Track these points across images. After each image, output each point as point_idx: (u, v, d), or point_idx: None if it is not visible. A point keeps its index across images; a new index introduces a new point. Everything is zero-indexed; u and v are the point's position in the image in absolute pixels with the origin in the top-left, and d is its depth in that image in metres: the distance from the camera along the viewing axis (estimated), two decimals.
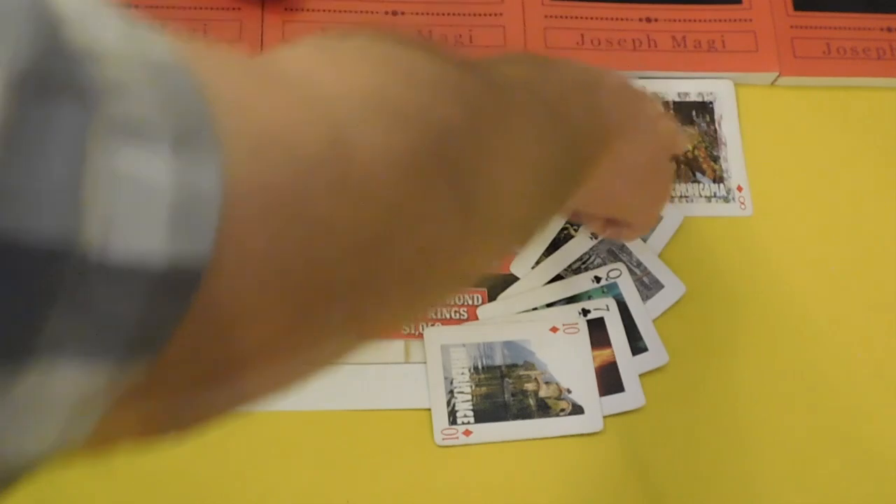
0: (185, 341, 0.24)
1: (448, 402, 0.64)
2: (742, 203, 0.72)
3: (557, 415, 0.64)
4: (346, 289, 0.29)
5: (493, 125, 0.38)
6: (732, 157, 0.73)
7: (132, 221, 0.22)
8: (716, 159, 0.73)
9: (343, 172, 0.28)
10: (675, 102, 0.74)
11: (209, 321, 0.25)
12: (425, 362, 0.65)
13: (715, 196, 0.72)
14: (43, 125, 0.20)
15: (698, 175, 0.72)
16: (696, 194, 0.72)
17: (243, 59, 0.29)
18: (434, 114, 0.33)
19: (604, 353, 0.66)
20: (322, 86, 0.30)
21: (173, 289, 0.23)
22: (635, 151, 0.55)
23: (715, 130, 0.74)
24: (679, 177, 0.72)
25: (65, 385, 0.22)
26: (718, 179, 0.72)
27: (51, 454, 0.24)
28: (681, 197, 0.71)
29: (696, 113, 0.74)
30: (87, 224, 0.21)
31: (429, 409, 0.64)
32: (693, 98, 0.74)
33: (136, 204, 0.22)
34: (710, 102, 0.74)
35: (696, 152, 0.73)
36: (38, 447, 0.23)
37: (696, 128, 0.74)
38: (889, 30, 0.78)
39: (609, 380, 0.65)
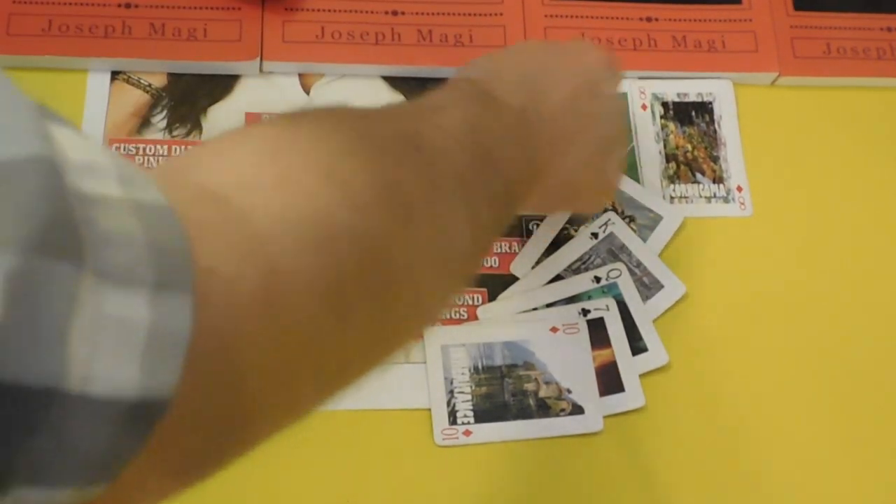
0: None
1: (448, 402, 0.64)
2: (742, 203, 0.72)
3: (557, 415, 0.64)
4: (263, 409, 0.34)
5: (425, 219, 0.41)
6: (732, 157, 0.73)
7: (112, 358, 0.25)
8: (715, 160, 0.73)
9: (270, 308, 0.31)
10: (674, 103, 0.74)
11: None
12: (425, 362, 0.65)
13: (715, 196, 0.72)
14: (42, 282, 0.24)
15: (698, 175, 0.72)
16: (696, 195, 0.72)
17: (201, 185, 0.32)
18: (370, 235, 0.36)
19: (604, 353, 0.66)
20: (264, 216, 0.33)
21: (139, 418, 0.26)
22: (570, 166, 0.58)
23: (714, 131, 0.74)
24: (679, 178, 0.72)
25: None
26: (718, 180, 0.72)
27: None
28: (681, 197, 0.71)
29: (696, 113, 0.74)
30: (73, 364, 0.24)
31: (429, 409, 0.64)
32: (692, 98, 0.74)
33: (116, 342, 0.25)
34: (710, 103, 0.74)
35: (696, 153, 0.73)
36: None
37: (695, 128, 0.74)
38: (889, 30, 0.78)
39: (609, 380, 0.65)
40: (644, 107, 0.74)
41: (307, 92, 0.72)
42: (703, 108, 0.74)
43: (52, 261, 0.24)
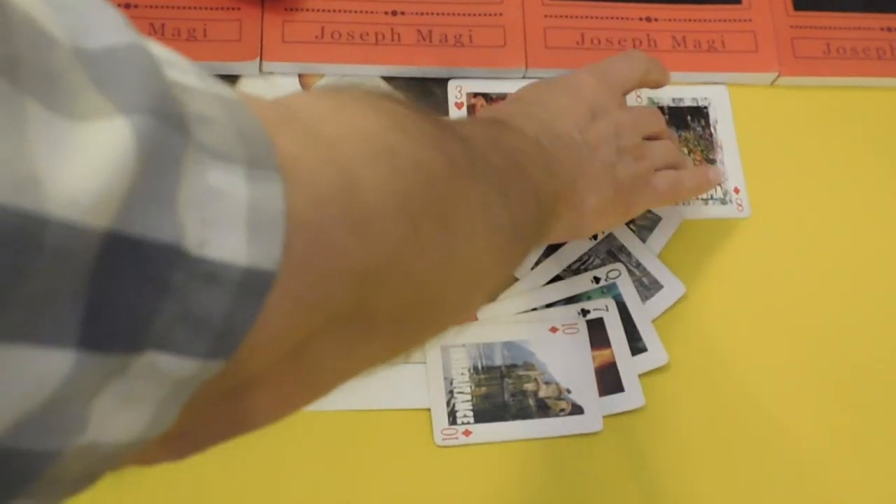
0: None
1: (448, 403, 0.64)
2: (739, 205, 0.72)
3: (557, 415, 0.64)
4: (344, 318, 0.33)
5: (469, 177, 0.41)
6: (729, 160, 0.73)
7: (221, 227, 0.26)
8: (712, 163, 0.73)
9: (351, 211, 0.31)
10: (669, 108, 0.74)
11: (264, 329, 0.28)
12: (425, 362, 0.65)
13: (712, 198, 0.72)
14: (163, 146, 0.25)
15: None
16: (693, 197, 0.72)
17: (271, 101, 0.33)
18: (423, 160, 0.37)
19: (603, 354, 0.66)
20: (330, 127, 0.34)
21: (251, 289, 0.27)
22: (595, 193, 0.60)
23: (710, 134, 0.74)
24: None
25: (162, 378, 0.26)
26: None
27: (135, 446, 0.27)
28: None
29: (691, 118, 0.74)
30: (189, 228, 0.25)
31: (429, 409, 0.64)
32: (688, 103, 0.74)
33: (223, 212, 0.26)
34: (705, 107, 0.74)
35: (693, 156, 0.73)
36: (130, 437, 0.27)
37: (691, 132, 0.74)
38: (889, 30, 0.78)
39: (608, 380, 0.65)
40: None
41: None
42: (699, 113, 0.74)
43: (169, 128, 0.25)
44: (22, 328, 0.22)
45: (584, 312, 0.67)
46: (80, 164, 0.23)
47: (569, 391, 0.65)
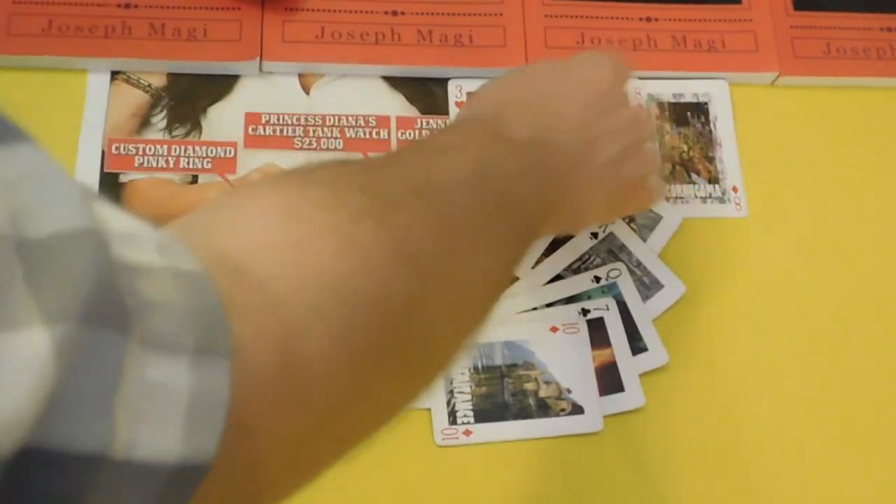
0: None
1: (448, 402, 0.64)
2: (737, 204, 0.72)
3: (557, 415, 0.64)
4: (282, 477, 0.34)
5: (438, 274, 0.41)
6: (728, 158, 0.73)
7: (156, 423, 0.26)
8: (711, 160, 0.73)
9: (292, 388, 0.31)
10: (669, 103, 0.74)
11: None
12: None
13: (710, 197, 0.72)
14: (92, 351, 0.24)
15: (693, 176, 0.72)
16: (692, 195, 0.72)
17: (221, 253, 0.32)
18: (383, 296, 0.36)
19: (604, 353, 0.66)
20: (280, 283, 0.33)
21: (180, 482, 0.27)
22: (588, 192, 0.58)
23: (710, 131, 0.74)
24: (674, 178, 0.72)
25: None
26: (714, 180, 0.72)
27: None
28: (676, 198, 0.71)
29: (691, 114, 0.74)
30: (118, 431, 0.25)
31: (429, 409, 0.64)
32: (688, 99, 0.74)
33: (160, 407, 0.26)
34: (705, 103, 0.74)
35: (692, 153, 0.73)
36: None
37: (691, 129, 0.74)
38: (889, 30, 0.78)
39: (609, 380, 0.65)
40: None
41: (307, 92, 0.72)
42: (699, 109, 0.74)
43: (101, 330, 0.25)
44: None
45: (585, 312, 0.67)
46: None
47: (569, 391, 0.65)
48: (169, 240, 0.29)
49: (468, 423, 0.63)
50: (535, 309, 0.67)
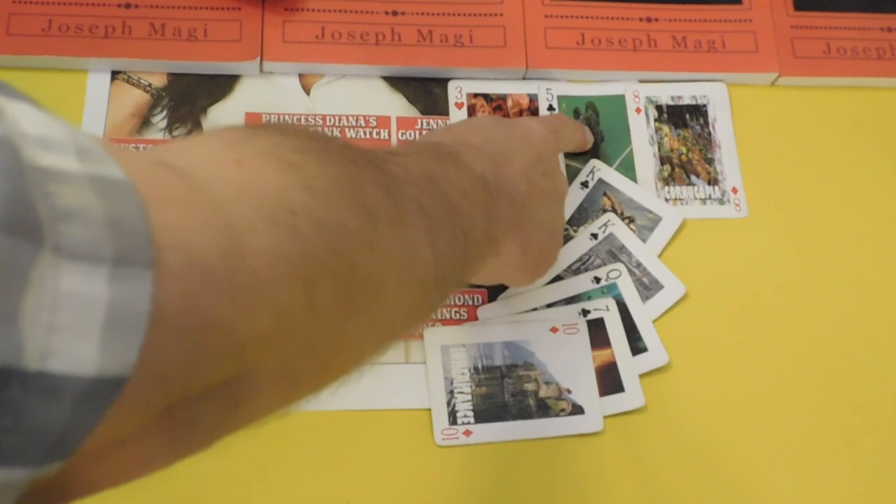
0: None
1: (448, 403, 0.64)
2: (737, 205, 0.72)
3: (557, 415, 0.64)
4: (221, 385, 0.32)
5: (388, 228, 0.40)
6: (727, 159, 0.73)
7: (70, 334, 0.25)
8: (710, 162, 0.73)
9: (235, 280, 0.31)
10: (668, 106, 0.74)
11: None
12: (425, 362, 0.65)
13: (710, 198, 0.72)
14: (1, 261, 0.24)
15: (692, 178, 0.72)
16: (691, 197, 0.72)
17: (160, 160, 0.32)
18: (328, 221, 0.36)
19: (604, 354, 0.66)
20: (221, 188, 0.32)
21: (95, 398, 0.26)
22: (522, 246, 0.58)
23: (709, 133, 0.74)
24: (674, 180, 0.72)
25: None
26: (713, 182, 0.72)
27: None
28: (675, 199, 0.71)
29: (690, 116, 0.74)
30: (30, 342, 0.24)
31: (429, 410, 0.64)
32: (686, 101, 0.75)
33: (75, 318, 0.25)
34: (704, 105, 0.75)
35: (691, 155, 0.73)
36: None
37: (689, 131, 0.74)
38: (889, 30, 0.78)
39: (609, 380, 0.65)
40: (638, 110, 0.74)
41: (307, 92, 0.72)
42: (698, 111, 0.74)
43: (11, 239, 0.24)
44: None
45: (585, 312, 0.67)
46: None
47: (569, 391, 0.65)
48: (91, 143, 0.28)
49: (468, 423, 0.63)
50: (535, 309, 0.67)
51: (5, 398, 0.24)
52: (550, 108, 0.73)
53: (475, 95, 0.73)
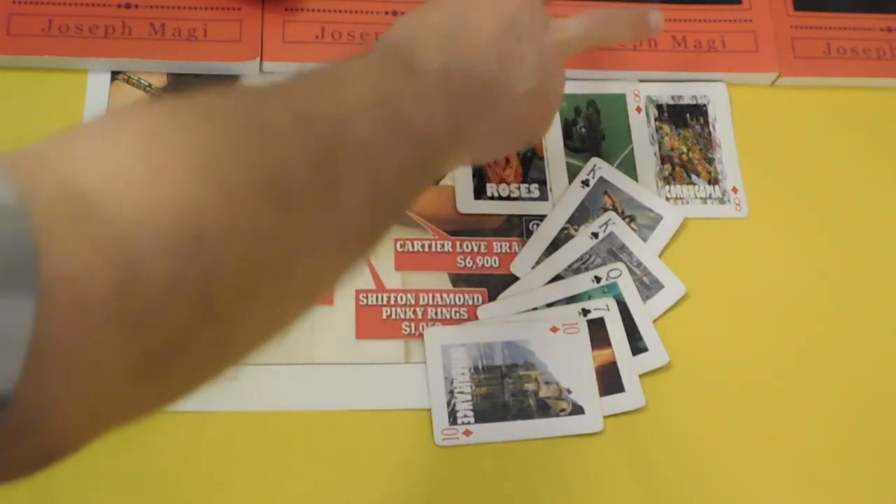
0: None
1: (448, 403, 0.64)
2: (737, 204, 0.72)
3: (557, 415, 0.64)
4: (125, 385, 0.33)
5: (313, 201, 0.40)
6: (727, 159, 0.73)
7: None
8: (710, 161, 0.73)
9: (126, 309, 0.31)
10: (668, 105, 0.74)
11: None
12: (425, 362, 0.65)
13: (710, 198, 0.72)
14: None
15: (693, 177, 0.72)
16: (692, 196, 0.72)
17: (63, 180, 0.32)
18: (241, 224, 0.36)
19: (604, 353, 0.66)
20: (128, 210, 0.32)
21: None
22: (500, 114, 0.56)
23: (709, 133, 0.74)
24: (674, 180, 0.72)
25: None
26: (713, 181, 0.72)
27: None
28: (676, 198, 0.71)
29: (690, 116, 0.74)
30: None
31: (429, 409, 0.64)
32: (687, 101, 0.75)
33: None
34: (704, 105, 0.75)
35: (691, 154, 0.73)
36: None
37: (690, 130, 0.74)
38: (889, 30, 0.78)
39: (609, 380, 0.65)
40: (639, 109, 0.74)
41: None
42: (698, 111, 0.74)
43: None
44: None
45: (585, 312, 0.67)
46: None
47: (569, 391, 0.65)
48: None
49: (468, 423, 0.63)
50: (535, 309, 0.67)
51: None
52: None
53: None
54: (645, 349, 0.66)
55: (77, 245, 0.30)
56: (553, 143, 0.72)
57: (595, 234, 0.69)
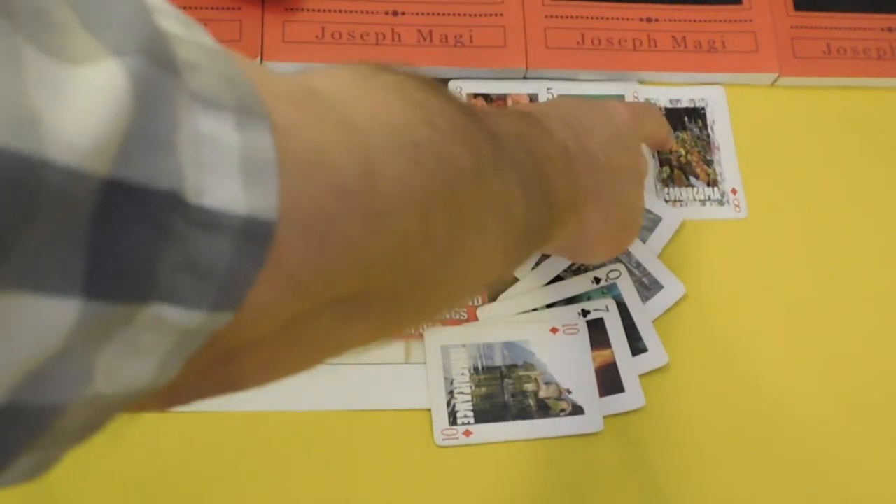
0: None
1: (448, 403, 0.64)
2: (737, 206, 0.72)
3: (557, 415, 0.64)
4: (345, 298, 0.33)
5: (492, 172, 0.41)
6: (726, 160, 0.73)
7: (217, 174, 0.25)
8: (709, 163, 0.73)
9: (369, 201, 0.31)
10: (666, 108, 0.74)
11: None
12: (425, 363, 0.65)
13: (709, 199, 0.72)
14: (157, 88, 0.24)
15: (692, 179, 0.72)
16: (691, 198, 0.72)
17: (296, 80, 0.32)
18: (446, 156, 0.37)
19: (603, 354, 0.66)
20: (357, 112, 0.33)
21: (252, 238, 0.26)
22: (602, 218, 0.59)
23: (708, 135, 0.74)
24: (673, 182, 0.72)
25: (168, 330, 0.25)
26: (712, 183, 0.72)
27: (138, 397, 0.27)
28: (675, 200, 0.71)
29: (689, 118, 0.74)
30: (186, 174, 0.24)
31: (429, 410, 0.64)
32: (685, 104, 0.75)
33: (217, 159, 0.25)
34: (702, 108, 0.75)
35: (690, 157, 0.73)
36: (134, 388, 0.26)
37: (688, 133, 0.74)
38: (889, 30, 0.78)
39: (609, 380, 0.65)
40: None
41: None
42: (696, 114, 0.74)
43: (161, 70, 0.24)
44: (25, 276, 0.22)
45: (585, 313, 0.67)
46: (77, 109, 0.22)
47: (569, 391, 0.65)
48: (189, 21, 0.29)
49: (468, 423, 0.63)
50: (535, 309, 0.67)
51: (175, 230, 0.24)
52: None
53: (475, 95, 0.73)
54: (644, 350, 0.66)
55: (324, 128, 0.30)
56: None
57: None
